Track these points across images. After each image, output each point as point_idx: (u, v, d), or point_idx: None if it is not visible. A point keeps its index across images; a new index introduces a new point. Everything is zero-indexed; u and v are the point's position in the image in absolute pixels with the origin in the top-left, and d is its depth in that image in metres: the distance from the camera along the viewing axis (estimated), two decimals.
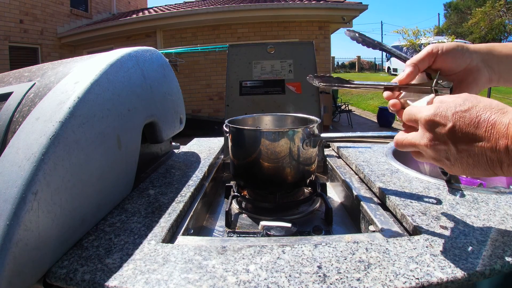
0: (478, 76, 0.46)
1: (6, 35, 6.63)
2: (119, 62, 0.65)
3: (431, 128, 0.37)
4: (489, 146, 0.33)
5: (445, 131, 0.35)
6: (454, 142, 0.35)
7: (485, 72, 0.46)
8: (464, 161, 0.35)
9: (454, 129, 0.35)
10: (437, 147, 0.36)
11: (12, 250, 0.37)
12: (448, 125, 0.35)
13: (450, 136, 0.35)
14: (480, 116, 0.34)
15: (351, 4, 6.60)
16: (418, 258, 0.42)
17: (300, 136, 0.70)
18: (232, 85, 1.05)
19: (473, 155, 0.34)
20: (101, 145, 0.55)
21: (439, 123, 0.36)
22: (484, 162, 0.34)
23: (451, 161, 0.36)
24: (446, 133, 0.35)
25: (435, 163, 0.38)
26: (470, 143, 0.34)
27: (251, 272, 0.41)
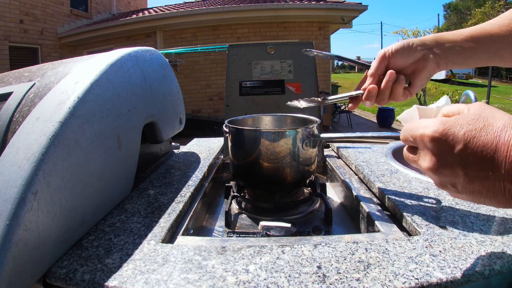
0: (426, 64, 0.51)
1: (6, 35, 6.63)
2: (119, 62, 0.65)
3: (436, 149, 0.30)
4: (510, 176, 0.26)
5: (454, 154, 0.28)
6: (464, 167, 0.28)
7: (432, 59, 0.51)
8: (475, 190, 0.29)
9: (465, 152, 0.28)
10: (442, 171, 0.30)
11: (12, 250, 0.37)
12: (457, 147, 0.28)
13: (460, 161, 0.28)
14: (499, 137, 0.27)
15: (351, 4, 6.60)
16: (418, 258, 0.42)
17: (299, 137, 0.70)
18: (232, 85, 1.05)
19: (487, 185, 0.28)
20: (101, 145, 0.55)
21: (446, 143, 0.29)
22: (501, 193, 0.28)
23: (457, 188, 0.30)
24: (455, 157, 0.28)
25: (439, 187, 0.33)
26: (484, 170, 0.27)
27: (250, 272, 0.41)
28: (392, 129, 6.67)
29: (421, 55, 0.51)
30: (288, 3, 6.51)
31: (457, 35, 0.51)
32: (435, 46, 0.51)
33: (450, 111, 0.31)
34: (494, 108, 0.30)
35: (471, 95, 1.00)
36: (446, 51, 0.51)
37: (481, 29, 0.50)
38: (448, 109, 0.31)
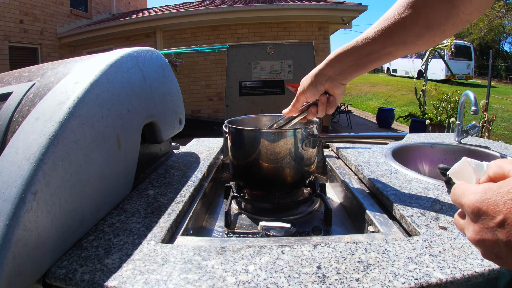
0: (336, 90, 0.64)
1: (6, 35, 6.62)
2: (118, 62, 0.65)
3: (477, 219, 0.29)
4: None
5: (494, 225, 0.28)
6: (505, 238, 0.27)
7: (338, 85, 0.63)
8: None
9: (505, 223, 0.27)
10: (484, 242, 0.29)
11: (12, 250, 0.37)
12: (497, 218, 0.27)
13: (500, 231, 0.27)
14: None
15: (351, 5, 6.60)
16: (417, 259, 0.42)
17: (299, 137, 0.70)
18: (231, 85, 1.05)
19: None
20: (100, 146, 0.55)
21: (486, 213, 0.28)
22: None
23: (502, 258, 0.29)
24: (495, 227, 0.28)
25: (484, 257, 0.31)
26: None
27: (250, 273, 0.41)
28: (392, 130, 6.67)
29: (328, 86, 0.63)
30: (288, 3, 6.51)
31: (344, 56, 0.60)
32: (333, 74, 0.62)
33: (496, 172, 0.30)
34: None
35: (471, 96, 1.01)
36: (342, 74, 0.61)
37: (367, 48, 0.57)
38: (495, 170, 0.30)
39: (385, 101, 9.66)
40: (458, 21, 0.51)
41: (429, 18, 0.52)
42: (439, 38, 0.54)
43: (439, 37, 0.54)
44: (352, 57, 0.59)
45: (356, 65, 0.59)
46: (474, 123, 1.07)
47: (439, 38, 0.54)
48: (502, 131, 5.80)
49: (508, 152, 0.96)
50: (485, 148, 1.01)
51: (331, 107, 0.67)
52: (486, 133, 3.34)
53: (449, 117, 4.95)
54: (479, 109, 1.03)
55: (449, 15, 0.51)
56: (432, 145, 1.07)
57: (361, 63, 0.59)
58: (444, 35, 0.53)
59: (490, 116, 3.37)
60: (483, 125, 3.34)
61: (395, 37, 0.54)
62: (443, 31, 0.52)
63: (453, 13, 0.50)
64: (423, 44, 0.54)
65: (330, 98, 0.66)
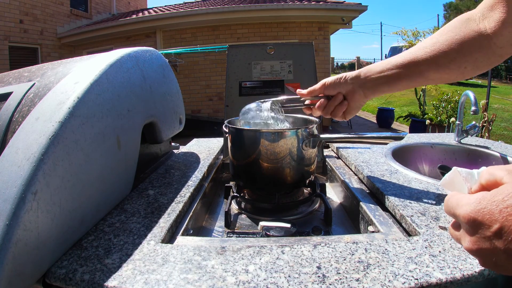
0: (354, 96, 0.65)
1: (6, 35, 6.62)
2: (118, 62, 0.65)
3: (473, 229, 0.29)
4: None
5: (491, 234, 0.28)
6: (503, 246, 0.27)
7: (360, 92, 0.64)
8: None
9: (502, 232, 0.27)
10: (482, 251, 0.29)
11: (12, 250, 0.37)
12: (494, 227, 0.27)
13: (498, 240, 0.27)
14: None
15: (351, 5, 6.60)
16: (417, 259, 0.42)
17: (299, 137, 0.70)
18: (231, 85, 1.05)
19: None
20: (100, 145, 0.55)
21: (482, 223, 0.28)
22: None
23: (501, 266, 0.28)
24: (492, 236, 0.28)
25: (482, 266, 0.31)
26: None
27: (250, 273, 0.41)
28: (392, 130, 6.68)
29: (350, 89, 0.65)
30: (288, 3, 6.50)
31: (384, 64, 0.62)
32: (364, 79, 0.64)
33: (488, 179, 0.30)
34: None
35: (471, 96, 1.01)
36: (372, 82, 0.63)
37: (408, 55, 0.60)
38: (487, 178, 0.30)
39: (385, 101, 9.66)
40: (491, 53, 0.53)
41: (462, 43, 0.54)
42: (471, 67, 0.55)
43: (471, 65, 0.55)
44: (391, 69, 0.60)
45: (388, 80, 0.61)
46: (474, 123, 1.07)
47: (471, 66, 0.55)
48: (502, 131, 5.80)
49: (508, 152, 0.96)
50: (485, 148, 1.01)
51: (340, 111, 0.66)
52: (486, 133, 3.34)
53: (449, 117, 4.95)
54: (479, 109, 1.03)
55: (482, 45, 0.53)
56: (432, 145, 1.07)
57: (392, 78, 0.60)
58: (476, 64, 0.55)
59: (490, 116, 3.37)
60: (483, 125, 3.34)
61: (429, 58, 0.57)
62: (476, 59, 0.54)
63: (485, 44, 0.53)
64: (455, 68, 0.55)
65: (343, 102, 0.66)
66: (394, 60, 0.61)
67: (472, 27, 0.54)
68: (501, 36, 0.51)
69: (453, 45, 0.54)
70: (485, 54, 0.53)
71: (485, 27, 0.52)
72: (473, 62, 0.55)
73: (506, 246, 0.26)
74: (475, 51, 0.53)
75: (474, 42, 0.53)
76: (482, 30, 0.53)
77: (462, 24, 0.55)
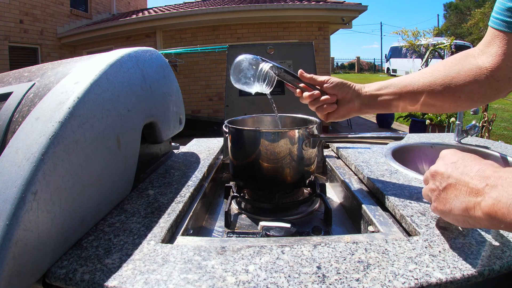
0: (348, 104, 0.67)
1: (6, 35, 6.62)
2: (118, 62, 0.65)
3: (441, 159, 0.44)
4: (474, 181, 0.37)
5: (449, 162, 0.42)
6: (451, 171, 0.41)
7: (355, 103, 0.66)
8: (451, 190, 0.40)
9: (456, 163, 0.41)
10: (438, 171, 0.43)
11: (12, 250, 0.37)
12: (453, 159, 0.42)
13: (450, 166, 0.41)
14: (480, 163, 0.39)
15: (351, 5, 6.60)
16: (417, 259, 0.42)
17: (299, 137, 0.70)
18: (231, 85, 1.05)
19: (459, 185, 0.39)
20: (100, 146, 0.55)
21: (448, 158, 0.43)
22: (464, 194, 0.38)
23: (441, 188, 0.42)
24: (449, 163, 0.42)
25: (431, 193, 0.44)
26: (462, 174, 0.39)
27: (250, 273, 0.41)
28: (392, 130, 6.67)
29: (349, 97, 0.66)
30: (288, 3, 6.51)
31: (383, 83, 0.65)
32: (364, 93, 0.65)
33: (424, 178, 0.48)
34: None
35: None
36: (369, 98, 0.65)
37: (405, 78, 0.63)
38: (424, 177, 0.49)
39: None
40: (486, 86, 0.55)
41: (459, 73, 0.56)
42: (465, 97, 0.57)
43: (465, 96, 0.57)
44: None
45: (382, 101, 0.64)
46: (474, 123, 1.07)
47: (465, 96, 0.57)
48: (502, 131, 5.80)
49: (508, 152, 0.96)
50: (485, 148, 1.01)
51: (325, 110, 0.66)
52: (486, 133, 3.34)
53: (449, 117, 4.94)
54: (479, 109, 1.03)
55: (478, 78, 0.55)
56: (432, 145, 1.07)
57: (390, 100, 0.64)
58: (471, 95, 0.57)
59: (490, 116, 3.37)
60: (483, 125, 3.33)
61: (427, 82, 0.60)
62: (471, 91, 0.56)
63: (481, 77, 0.55)
64: (449, 96, 0.58)
65: (334, 104, 0.66)
66: (392, 80, 0.64)
67: (471, 61, 0.56)
68: (498, 69, 0.53)
69: (450, 74, 0.57)
70: (480, 86, 0.55)
71: (483, 61, 0.54)
72: (468, 93, 0.56)
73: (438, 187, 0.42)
74: (471, 82, 0.55)
75: (471, 73, 0.55)
76: (480, 64, 0.55)
77: (462, 58, 0.58)
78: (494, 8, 0.54)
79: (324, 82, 0.67)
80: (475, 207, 0.36)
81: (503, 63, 0.52)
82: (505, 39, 0.51)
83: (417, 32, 7.39)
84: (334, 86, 0.66)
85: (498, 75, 0.53)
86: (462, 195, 0.38)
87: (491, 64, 0.53)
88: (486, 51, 0.54)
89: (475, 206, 0.36)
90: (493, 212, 0.34)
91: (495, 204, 0.33)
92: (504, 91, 0.56)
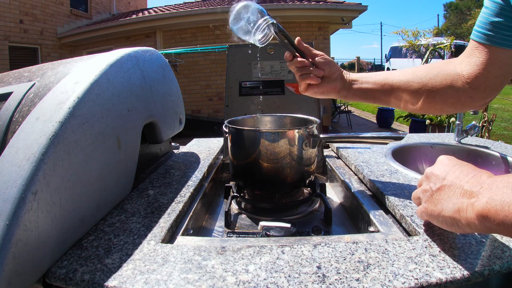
0: (332, 84, 0.67)
1: (6, 35, 6.62)
2: (118, 62, 0.65)
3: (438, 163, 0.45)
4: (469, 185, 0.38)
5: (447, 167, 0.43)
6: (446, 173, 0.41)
7: (337, 84, 0.67)
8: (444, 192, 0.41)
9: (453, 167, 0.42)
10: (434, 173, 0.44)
11: (12, 250, 0.37)
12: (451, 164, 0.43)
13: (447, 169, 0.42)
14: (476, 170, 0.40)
15: (351, 5, 6.60)
16: (417, 259, 0.42)
17: (299, 137, 0.70)
18: (231, 85, 1.05)
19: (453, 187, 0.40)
20: (100, 145, 0.55)
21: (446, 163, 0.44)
22: (457, 195, 0.38)
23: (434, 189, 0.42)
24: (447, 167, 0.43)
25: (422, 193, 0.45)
26: (457, 178, 0.40)
27: (250, 272, 0.41)
28: (392, 130, 6.67)
29: (334, 75, 0.67)
30: (288, 3, 6.51)
31: (364, 74, 0.68)
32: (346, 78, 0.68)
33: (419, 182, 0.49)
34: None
35: None
36: (349, 83, 0.67)
37: (386, 72, 0.66)
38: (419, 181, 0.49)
39: None
40: (461, 92, 0.59)
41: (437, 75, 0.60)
42: (439, 98, 0.60)
43: (440, 97, 0.60)
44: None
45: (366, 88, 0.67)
46: (474, 123, 1.07)
47: (440, 98, 0.60)
48: (502, 131, 5.80)
49: (508, 152, 0.96)
50: (485, 148, 1.01)
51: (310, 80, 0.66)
52: (486, 133, 3.34)
53: (449, 117, 4.94)
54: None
55: (454, 83, 0.58)
56: (432, 145, 1.07)
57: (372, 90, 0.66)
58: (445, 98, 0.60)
59: (490, 116, 3.37)
60: (483, 125, 3.33)
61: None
62: (445, 93, 0.59)
63: (457, 82, 0.58)
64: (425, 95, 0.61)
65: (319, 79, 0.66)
66: (375, 73, 0.67)
67: (450, 67, 0.60)
68: (475, 78, 0.56)
69: (428, 75, 0.61)
70: (456, 91, 0.58)
71: (461, 69, 0.58)
72: (442, 96, 0.60)
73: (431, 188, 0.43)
74: (447, 86, 0.59)
75: (448, 78, 0.59)
76: (458, 71, 0.58)
77: (443, 64, 0.61)
78: (476, 22, 0.57)
79: (318, 55, 0.68)
80: (468, 208, 0.36)
81: (480, 73, 0.55)
82: (484, 50, 0.55)
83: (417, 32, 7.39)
84: (326, 62, 0.67)
85: (475, 84, 0.56)
86: (456, 197, 0.38)
87: (468, 73, 0.56)
88: (466, 61, 0.57)
89: (468, 207, 0.36)
90: (485, 211, 0.34)
91: (488, 203, 0.34)
92: (479, 100, 0.59)
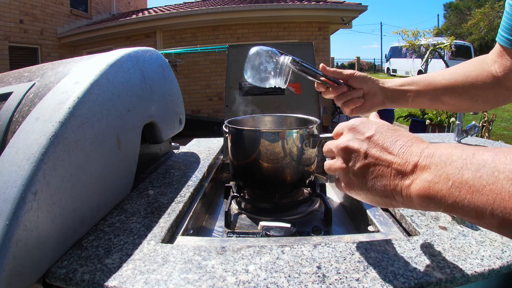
0: (373, 98, 0.66)
1: (6, 35, 6.62)
2: (118, 62, 0.65)
3: (351, 132, 0.38)
4: (399, 161, 0.33)
5: (364, 137, 0.36)
6: (367, 147, 0.35)
7: (380, 96, 0.66)
8: (369, 171, 0.35)
9: (373, 137, 0.36)
10: (350, 148, 0.37)
11: (12, 250, 0.37)
12: (368, 133, 0.36)
13: (366, 141, 0.36)
14: (402, 135, 0.35)
15: (351, 5, 6.60)
16: (417, 259, 0.42)
17: (299, 137, 0.70)
18: (231, 85, 1.05)
19: (380, 165, 0.34)
20: (100, 146, 0.55)
21: (360, 130, 0.37)
22: (387, 176, 0.33)
23: (355, 168, 0.36)
24: (364, 138, 0.36)
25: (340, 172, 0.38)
26: (382, 151, 0.34)
27: (250, 272, 0.41)
28: None
29: (373, 90, 0.66)
30: (288, 3, 6.50)
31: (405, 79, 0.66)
32: (387, 87, 0.66)
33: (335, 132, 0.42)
34: None
35: None
36: (392, 92, 0.66)
37: (427, 76, 0.65)
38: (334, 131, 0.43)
39: None
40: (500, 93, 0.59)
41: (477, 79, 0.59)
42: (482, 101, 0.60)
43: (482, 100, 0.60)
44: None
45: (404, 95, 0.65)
46: (474, 123, 1.07)
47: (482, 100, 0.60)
48: (502, 131, 5.80)
49: None
50: None
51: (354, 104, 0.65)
52: (486, 133, 3.34)
53: (449, 117, 4.94)
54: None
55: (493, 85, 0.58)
56: None
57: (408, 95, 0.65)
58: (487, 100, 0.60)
59: (490, 116, 3.37)
60: (483, 125, 3.34)
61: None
62: (487, 95, 0.60)
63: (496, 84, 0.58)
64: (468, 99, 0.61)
65: (361, 98, 0.65)
66: (415, 77, 0.66)
67: (486, 68, 0.59)
68: (508, 80, 0.56)
69: (469, 79, 0.60)
70: (495, 93, 0.59)
71: (495, 70, 0.57)
72: (484, 97, 0.60)
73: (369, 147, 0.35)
74: (487, 88, 0.59)
75: (487, 80, 0.59)
76: (493, 72, 0.58)
77: (478, 63, 0.60)
78: (501, 23, 0.56)
79: (351, 75, 0.65)
80: (403, 189, 0.32)
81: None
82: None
83: (417, 32, 7.39)
84: (360, 79, 0.65)
85: (508, 85, 0.57)
86: (385, 178, 0.33)
87: (502, 74, 0.56)
88: (497, 61, 0.57)
89: (403, 189, 0.32)
90: (428, 194, 0.30)
91: (431, 187, 0.29)
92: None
